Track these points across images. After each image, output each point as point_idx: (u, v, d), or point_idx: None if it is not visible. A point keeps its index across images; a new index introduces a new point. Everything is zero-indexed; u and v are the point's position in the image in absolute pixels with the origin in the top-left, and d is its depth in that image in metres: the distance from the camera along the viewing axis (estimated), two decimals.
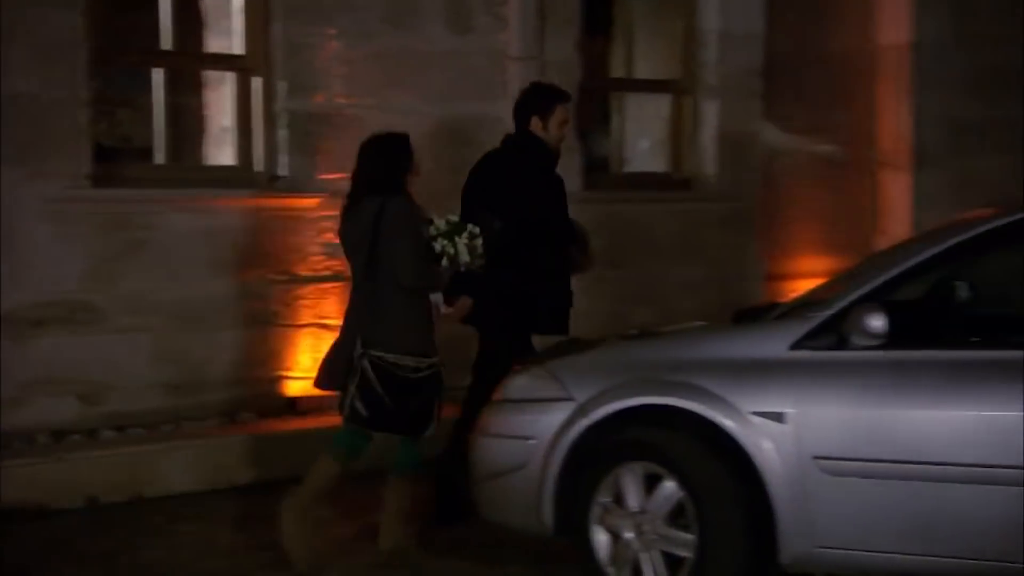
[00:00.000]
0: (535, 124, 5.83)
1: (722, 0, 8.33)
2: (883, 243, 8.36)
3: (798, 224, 8.90)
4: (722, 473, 4.43)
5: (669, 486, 4.53)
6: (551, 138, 5.85)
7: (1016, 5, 8.83)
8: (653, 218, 8.30)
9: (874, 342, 4.30)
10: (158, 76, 7.26)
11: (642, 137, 8.95)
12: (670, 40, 8.70)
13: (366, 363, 5.11)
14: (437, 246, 5.29)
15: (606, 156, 9.02)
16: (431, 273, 5.24)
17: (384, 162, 5.31)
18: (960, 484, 4.18)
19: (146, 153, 7.48)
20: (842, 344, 4.37)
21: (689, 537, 4.48)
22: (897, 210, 8.90)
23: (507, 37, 7.80)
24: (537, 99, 5.88)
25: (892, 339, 4.30)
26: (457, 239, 5.29)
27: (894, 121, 8.86)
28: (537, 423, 4.77)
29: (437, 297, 5.43)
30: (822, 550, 4.34)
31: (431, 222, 5.32)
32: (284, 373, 7.35)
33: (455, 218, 5.39)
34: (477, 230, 5.34)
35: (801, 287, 6.92)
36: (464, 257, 5.34)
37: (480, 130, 7.46)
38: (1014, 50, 8.86)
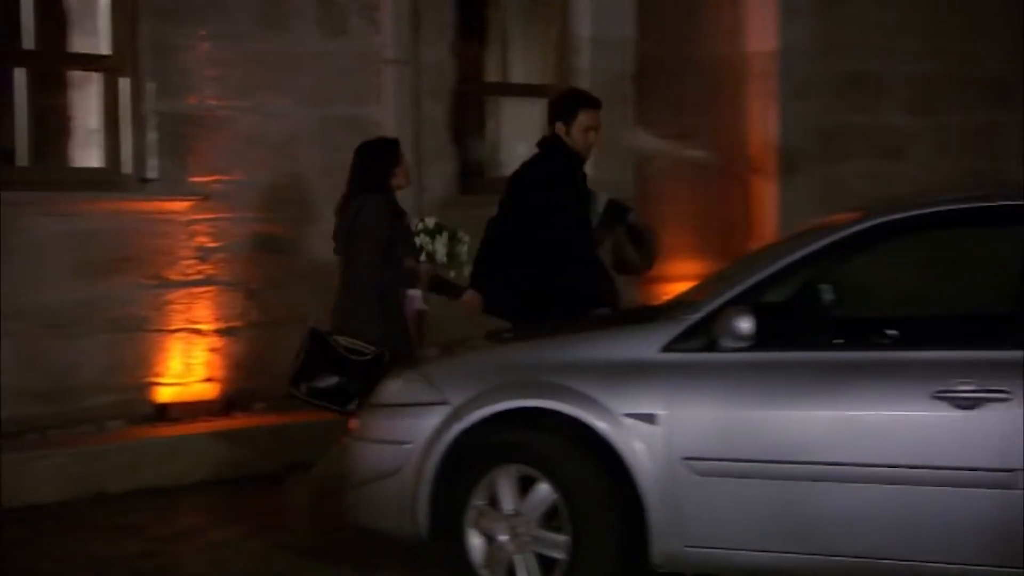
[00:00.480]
0: (559, 128, 5.95)
1: (594, 6, 8.41)
2: (753, 247, 8.52)
3: (671, 228, 9.00)
4: (594, 475, 4.46)
5: (543, 488, 4.55)
6: (574, 143, 5.95)
7: (879, 13, 9.07)
8: None
9: (742, 344, 4.37)
10: (21, 76, 7.08)
11: (518, 141, 8.98)
12: (544, 45, 8.75)
13: (329, 341, 5.54)
14: (418, 242, 5.64)
15: (481, 161, 9.04)
16: (391, 271, 5.60)
17: (367, 164, 5.76)
18: (826, 483, 4.27)
19: (9, 155, 7.29)
20: (712, 346, 4.44)
21: (562, 538, 4.51)
22: (766, 214, 9.07)
23: (381, 40, 7.77)
24: (562, 104, 6.03)
25: (760, 341, 4.38)
26: (437, 238, 5.63)
27: (762, 127, 9.03)
28: (412, 427, 4.76)
29: (415, 293, 5.76)
30: (692, 549, 4.40)
31: (422, 220, 5.72)
32: (154, 379, 7.22)
33: (436, 223, 5.74)
34: (466, 237, 5.57)
35: (674, 290, 7.01)
36: (440, 257, 5.71)
37: (353, 133, 7.41)
38: (878, 57, 9.11)
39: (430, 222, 5.79)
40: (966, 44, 9.41)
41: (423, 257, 5.78)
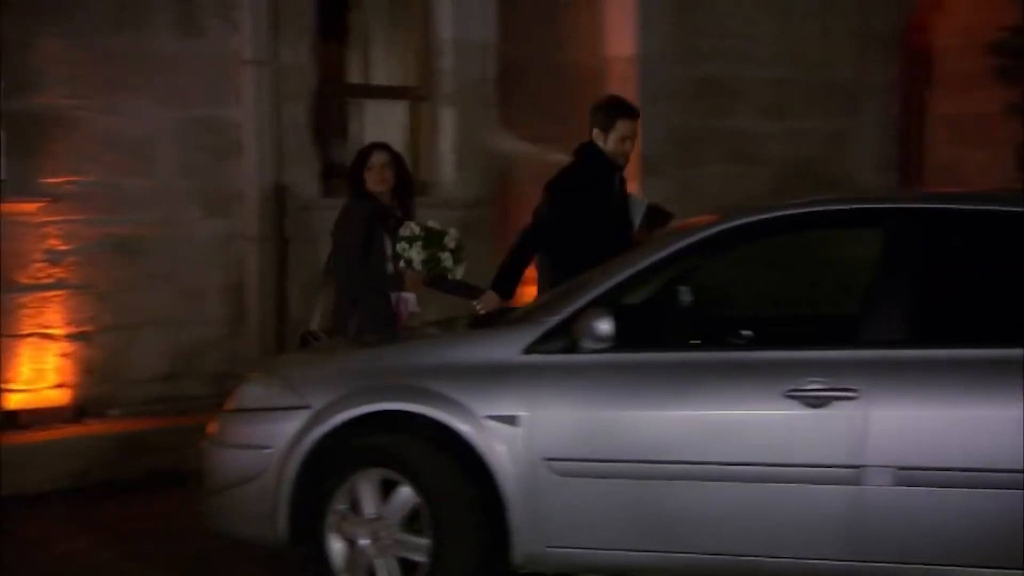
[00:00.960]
0: (597, 135, 6.07)
1: (455, 9, 8.42)
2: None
3: None
4: (456, 477, 4.46)
5: (404, 492, 4.53)
6: (610, 151, 6.03)
7: (735, 20, 9.25)
8: None
9: (602, 345, 4.41)
10: None
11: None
12: (406, 47, 8.73)
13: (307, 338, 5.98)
14: (399, 248, 5.90)
15: (344, 163, 8.97)
16: (363, 274, 5.92)
17: (351, 169, 6.15)
18: (684, 482, 4.33)
19: None
20: (572, 348, 4.47)
21: (424, 542, 4.50)
22: None
23: (239, 40, 7.67)
24: (600, 112, 6.14)
25: (620, 342, 4.42)
26: (413, 245, 5.87)
27: None
28: (272, 432, 4.70)
29: (408, 295, 6.08)
30: (553, 550, 4.42)
31: (408, 225, 5.97)
32: (3, 385, 7.01)
33: (436, 226, 6.00)
34: (452, 244, 5.95)
35: (536, 293, 7.06)
36: (416, 265, 5.89)
37: (212, 134, 7.32)
38: (734, 63, 9.28)
39: (415, 228, 5.96)
40: (818, 52, 9.65)
41: (401, 263, 6.03)
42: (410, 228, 6.04)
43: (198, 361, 7.49)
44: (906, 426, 4.14)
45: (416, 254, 5.93)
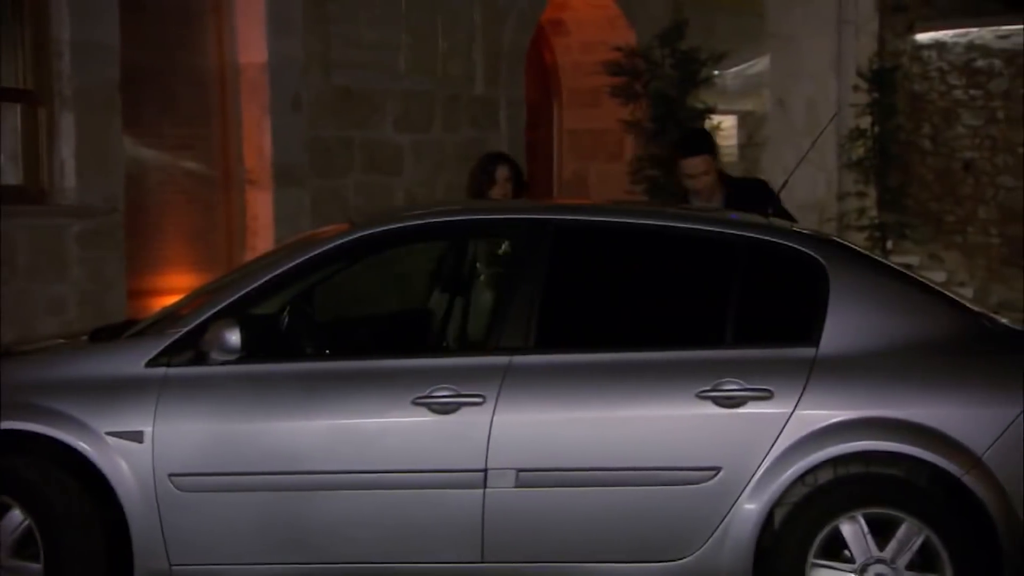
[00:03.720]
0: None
1: (73, 9, 8.04)
2: (248, 259, 8.49)
3: (166, 240, 8.81)
4: (70, 498, 4.27)
5: (14, 515, 4.29)
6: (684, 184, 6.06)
7: (371, 31, 9.31)
8: (10, 233, 7.85)
9: (230, 357, 4.34)
10: None
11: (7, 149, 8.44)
12: (21, 48, 8.27)
13: None
14: None
15: None
16: None
17: (474, 180, 6.60)
18: (315, 492, 4.32)
19: None
20: (200, 360, 4.38)
21: (35, 567, 4.27)
22: (262, 227, 9.08)
23: None
24: (671, 152, 6.13)
25: (249, 353, 4.36)
26: None
27: (257, 139, 9.02)
28: None
29: None
30: (179, 567, 4.31)
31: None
32: None
33: None
34: None
35: (166, 303, 6.86)
36: None
37: None
38: (370, 73, 9.34)
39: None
40: (453, 66, 9.87)
41: None
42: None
43: None
44: (527, 430, 4.30)
45: None
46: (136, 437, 4.29)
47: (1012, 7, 11.73)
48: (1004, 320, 4.66)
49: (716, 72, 10.22)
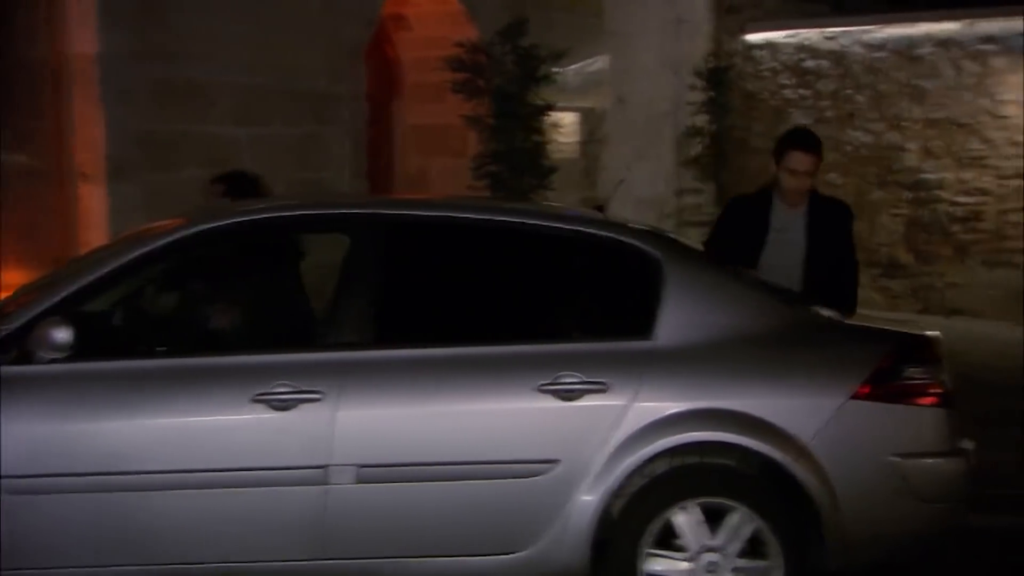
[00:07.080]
0: (774, 167, 5.76)
1: None
2: (79, 255, 8.27)
3: None
4: None
5: None
6: (780, 182, 5.71)
7: (204, 23, 9.14)
8: None
9: (59, 355, 4.22)
10: None
11: None
12: None
13: None
14: None
15: None
16: None
17: None
18: (148, 492, 4.24)
19: None
20: (27, 359, 4.25)
21: None
22: (94, 222, 8.86)
23: None
24: (778, 142, 5.77)
25: (80, 351, 4.25)
26: None
27: (88, 132, 8.79)
28: None
29: None
30: (11, 572, 4.18)
31: None
32: None
33: None
34: None
35: None
36: None
37: None
38: (203, 66, 9.17)
39: None
40: (292, 59, 9.75)
41: None
42: None
43: None
44: (367, 425, 4.29)
45: None
46: None
47: (838, 9, 12.14)
48: (830, 313, 4.81)
49: (556, 69, 10.32)
